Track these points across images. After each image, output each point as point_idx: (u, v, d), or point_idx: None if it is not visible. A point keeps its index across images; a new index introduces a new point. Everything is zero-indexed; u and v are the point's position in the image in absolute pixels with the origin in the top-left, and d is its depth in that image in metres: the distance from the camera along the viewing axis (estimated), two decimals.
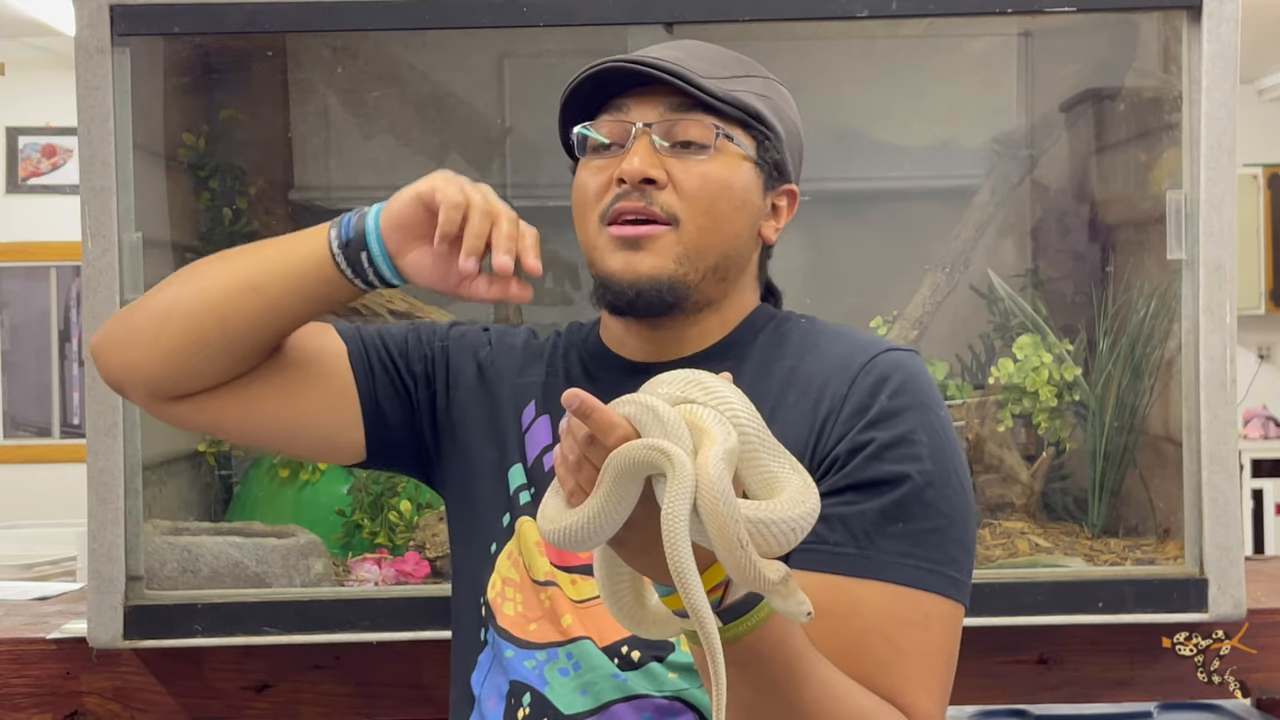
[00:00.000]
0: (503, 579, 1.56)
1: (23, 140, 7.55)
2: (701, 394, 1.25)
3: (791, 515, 1.19)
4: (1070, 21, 2.21)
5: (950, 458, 1.44)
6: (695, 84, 1.46)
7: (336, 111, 2.51)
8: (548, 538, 1.24)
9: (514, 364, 1.64)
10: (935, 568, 1.41)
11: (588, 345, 1.62)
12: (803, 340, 1.53)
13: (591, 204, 1.50)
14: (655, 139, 1.47)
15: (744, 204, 1.50)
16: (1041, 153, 2.47)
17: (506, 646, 1.54)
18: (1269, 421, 7.82)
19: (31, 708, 2.10)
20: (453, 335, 1.67)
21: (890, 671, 1.38)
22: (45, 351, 7.63)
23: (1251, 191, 7.79)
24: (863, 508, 1.40)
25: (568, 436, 1.22)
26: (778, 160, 1.52)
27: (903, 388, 1.44)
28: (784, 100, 1.56)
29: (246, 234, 2.40)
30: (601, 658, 1.49)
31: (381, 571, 2.15)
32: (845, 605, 1.39)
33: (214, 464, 2.43)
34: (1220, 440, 2.01)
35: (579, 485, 1.23)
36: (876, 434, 1.42)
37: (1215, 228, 2.01)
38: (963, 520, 1.44)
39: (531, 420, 1.60)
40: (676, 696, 1.47)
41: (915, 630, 1.40)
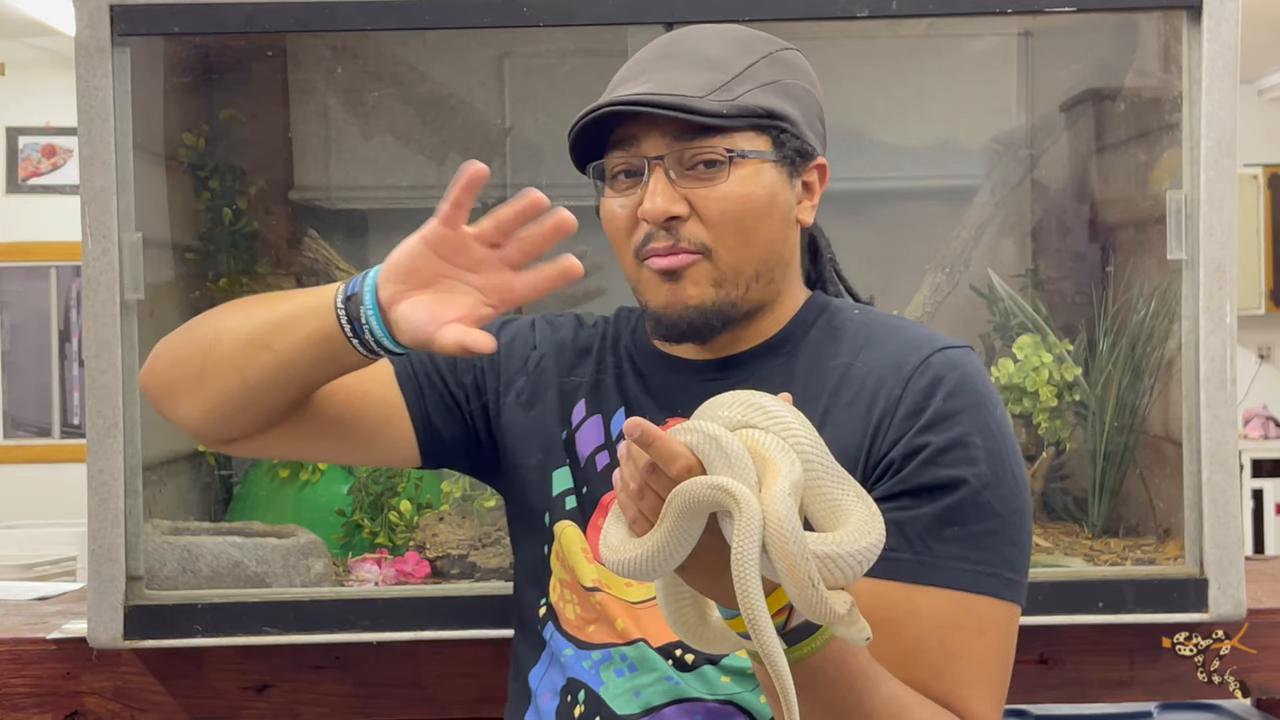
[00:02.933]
0: (560, 581, 1.57)
1: (23, 140, 7.55)
2: (762, 418, 1.23)
3: (859, 548, 1.19)
4: (1070, 21, 2.21)
5: (1006, 458, 1.43)
6: (696, 110, 1.44)
7: (336, 111, 2.51)
8: (612, 568, 1.24)
9: (562, 362, 1.63)
10: (990, 570, 1.40)
11: (636, 339, 1.61)
12: (857, 335, 1.52)
13: (624, 239, 1.50)
14: (668, 171, 1.46)
15: (771, 208, 1.49)
16: (1041, 153, 2.47)
17: (565, 645, 1.55)
18: (1269, 421, 7.82)
19: (31, 708, 2.10)
20: (501, 341, 1.66)
21: (946, 677, 1.38)
22: (45, 351, 7.63)
23: (1251, 191, 7.79)
24: (918, 513, 1.40)
25: (628, 463, 1.22)
26: (798, 146, 1.50)
27: (958, 389, 1.43)
28: (794, 71, 1.53)
29: (246, 234, 2.40)
30: (658, 659, 1.49)
31: (381, 571, 2.15)
32: (901, 611, 1.39)
33: (214, 464, 2.43)
34: (1220, 440, 2.01)
35: (641, 513, 1.22)
36: (932, 438, 1.41)
37: (1215, 228, 2.01)
38: (1018, 520, 1.43)
39: (581, 420, 1.59)
40: (729, 700, 1.47)
41: (970, 634, 1.40)
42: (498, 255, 1.40)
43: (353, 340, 1.45)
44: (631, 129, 1.48)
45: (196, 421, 1.56)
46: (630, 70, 1.53)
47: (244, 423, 1.56)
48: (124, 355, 2.03)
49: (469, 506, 2.21)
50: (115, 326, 2.02)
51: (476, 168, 1.36)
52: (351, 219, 2.56)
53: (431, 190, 2.53)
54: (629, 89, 1.48)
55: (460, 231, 1.39)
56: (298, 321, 1.48)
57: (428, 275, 1.41)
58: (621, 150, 1.49)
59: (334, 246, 2.44)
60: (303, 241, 2.42)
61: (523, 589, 1.64)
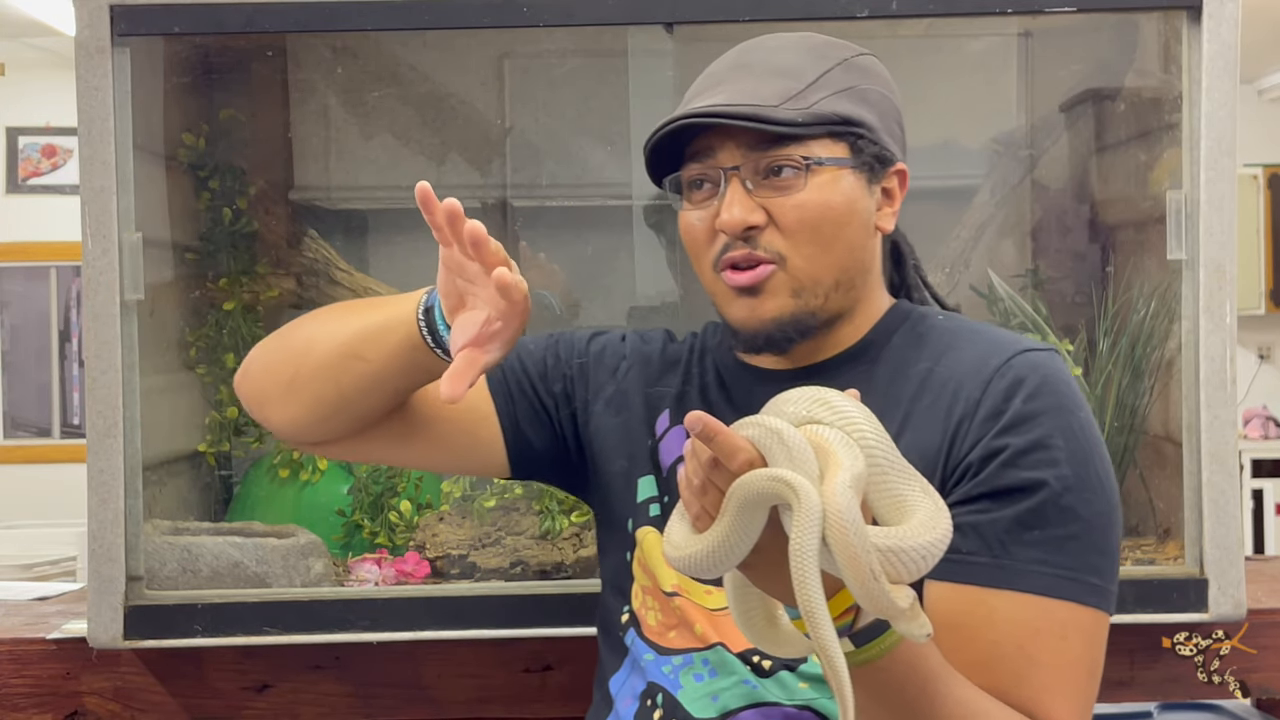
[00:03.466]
0: (642, 588, 1.57)
1: (23, 140, 7.55)
2: (828, 414, 1.23)
3: (923, 542, 1.17)
4: (1070, 21, 2.21)
5: (1090, 461, 1.42)
6: (771, 120, 1.43)
7: (336, 111, 2.51)
8: (673, 564, 1.23)
9: (650, 373, 1.64)
10: (1073, 575, 1.39)
11: (721, 352, 1.61)
12: (940, 341, 1.51)
13: (703, 250, 1.50)
14: (745, 181, 1.46)
15: (849, 216, 1.48)
16: (1041, 153, 2.47)
17: (646, 650, 1.55)
18: (1269, 421, 7.82)
19: (31, 708, 2.10)
20: (592, 350, 1.66)
21: (1025, 683, 1.36)
22: (45, 351, 7.63)
23: (1251, 191, 7.79)
24: (996, 515, 1.38)
25: (692, 459, 1.22)
26: (876, 152, 1.49)
27: (1039, 391, 1.42)
28: (870, 77, 1.52)
29: (246, 234, 2.40)
30: (737, 663, 1.49)
31: (381, 571, 2.15)
32: (979, 616, 1.37)
33: (214, 464, 2.43)
34: (1220, 440, 2.01)
35: (704, 509, 1.22)
36: (1011, 440, 1.40)
37: (1215, 228, 2.01)
38: (1104, 525, 1.41)
39: (666, 429, 1.59)
40: (806, 706, 1.47)
41: (1051, 640, 1.38)
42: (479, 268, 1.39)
43: (436, 350, 1.47)
44: (707, 140, 1.47)
45: (288, 426, 1.59)
46: (704, 82, 1.53)
47: (336, 428, 1.57)
48: (124, 355, 2.03)
49: (469, 506, 2.21)
50: (115, 326, 2.02)
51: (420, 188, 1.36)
52: (351, 219, 2.56)
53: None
54: (703, 101, 1.48)
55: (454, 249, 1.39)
56: (386, 331, 1.49)
57: (456, 294, 1.42)
58: (697, 162, 1.49)
59: (334, 246, 2.43)
60: (303, 241, 2.42)
61: (607, 596, 1.64)
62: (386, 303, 1.54)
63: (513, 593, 2.08)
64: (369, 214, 2.58)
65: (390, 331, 1.49)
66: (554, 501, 2.17)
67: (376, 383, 1.52)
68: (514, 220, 2.48)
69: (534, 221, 2.50)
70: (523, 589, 2.10)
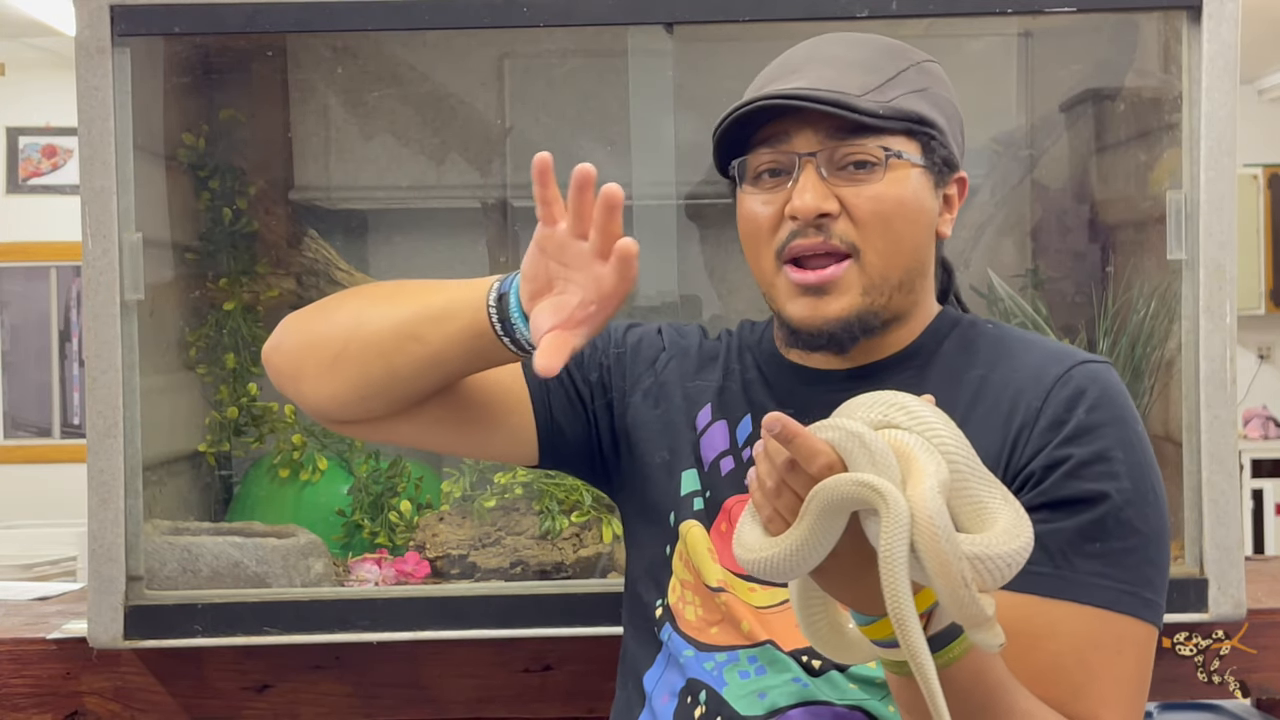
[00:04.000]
0: (680, 582, 1.55)
1: (23, 140, 7.55)
2: (905, 418, 1.21)
3: (1009, 550, 1.16)
4: (1070, 21, 2.21)
5: (1147, 475, 1.41)
6: (855, 108, 1.42)
7: (336, 111, 2.51)
8: (748, 568, 1.22)
9: (689, 366, 1.62)
10: (1131, 589, 1.38)
11: (762, 349, 1.59)
12: (992, 348, 1.50)
13: (765, 238, 1.47)
14: (820, 168, 1.44)
15: (920, 215, 1.47)
16: (1041, 153, 2.47)
17: (685, 647, 1.53)
18: (1269, 421, 7.82)
19: (31, 708, 2.10)
20: (629, 341, 1.65)
21: (1083, 696, 1.36)
22: (45, 351, 7.63)
23: (1251, 191, 7.79)
24: (1059, 526, 1.37)
25: (765, 461, 1.20)
26: (945, 156, 1.48)
27: (1100, 402, 1.41)
28: (938, 83, 1.51)
29: (246, 234, 2.40)
30: (788, 661, 1.47)
31: (381, 571, 2.15)
32: (1041, 626, 1.36)
33: (214, 464, 2.43)
34: (1220, 440, 2.01)
35: (777, 512, 1.20)
36: (1074, 450, 1.39)
37: (1215, 228, 2.01)
38: (1158, 539, 1.41)
39: (707, 424, 1.58)
40: (857, 706, 1.45)
41: (1108, 654, 1.37)
42: (589, 249, 1.35)
43: (504, 339, 1.44)
44: (782, 126, 1.45)
45: (326, 403, 1.55)
46: (777, 70, 1.51)
47: (376, 408, 1.54)
48: (124, 355, 2.03)
49: (469, 506, 2.21)
50: (115, 326, 2.02)
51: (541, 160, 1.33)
52: (351, 219, 2.56)
53: (432, 190, 2.53)
54: (780, 86, 1.45)
55: (558, 228, 1.36)
56: (450, 316, 1.47)
57: (545, 278, 1.38)
58: (769, 147, 1.46)
59: (334, 246, 2.44)
60: (303, 241, 2.42)
61: (638, 590, 1.62)
62: (447, 286, 1.51)
63: (513, 593, 2.08)
64: (369, 214, 2.58)
65: (454, 316, 1.46)
66: (554, 501, 2.17)
67: (431, 366, 1.49)
68: (514, 220, 2.48)
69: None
70: (523, 589, 2.10)
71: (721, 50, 1.67)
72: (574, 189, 1.33)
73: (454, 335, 1.47)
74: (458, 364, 1.50)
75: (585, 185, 1.32)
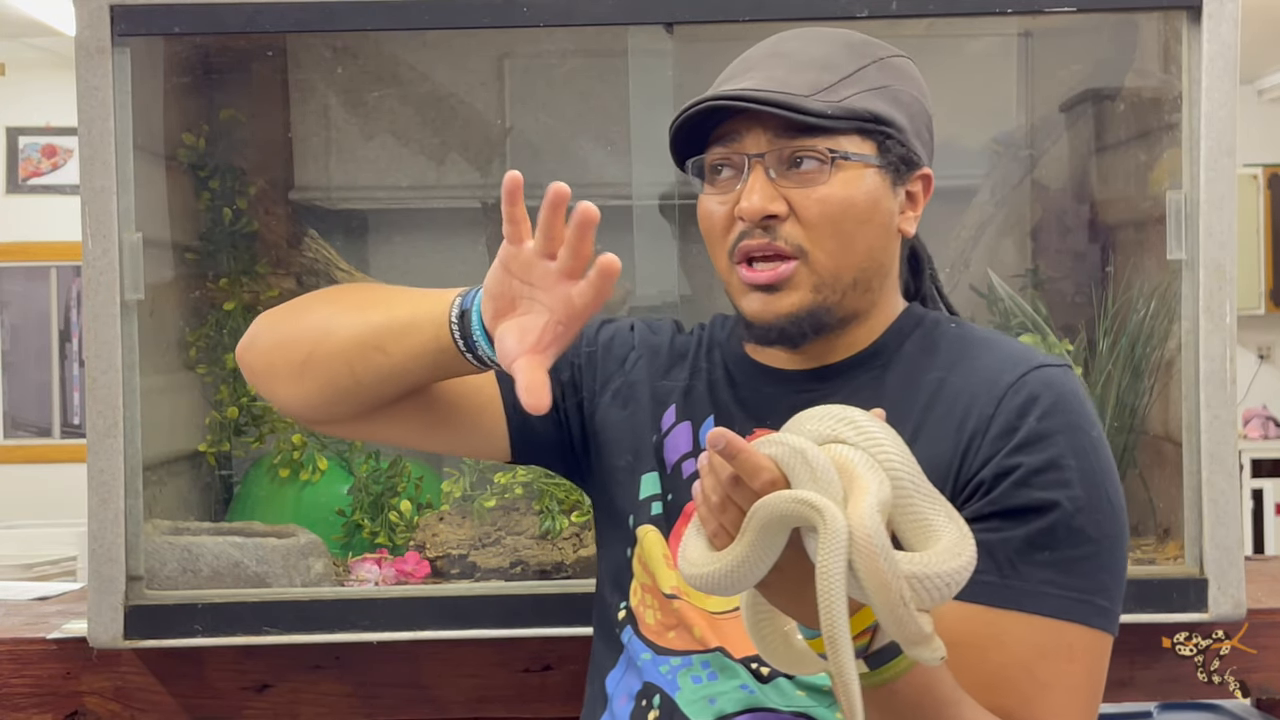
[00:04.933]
0: (641, 585, 1.55)
1: (23, 140, 7.55)
2: (852, 433, 1.21)
3: (949, 569, 1.16)
4: (1070, 21, 2.21)
5: (1102, 481, 1.40)
6: (801, 109, 1.41)
7: (336, 111, 2.51)
8: (690, 582, 1.22)
9: (658, 365, 1.62)
10: (1082, 597, 1.38)
11: (729, 346, 1.59)
12: (952, 350, 1.49)
13: (720, 237, 1.47)
14: (769, 169, 1.44)
15: (871, 215, 1.46)
16: (1041, 153, 2.47)
17: (643, 650, 1.53)
18: (1269, 421, 7.82)
19: (31, 708, 2.10)
20: (601, 339, 1.65)
21: (1033, 706, 1.35)
22: (45, 351, 7.63)
23: (1251, 191, 7.79)
24: (1007, 535, 1.37)
25: (710, 475, 1.20)
26: (903, 154, 1.48)
27: (1053, 409, 1.40)
28: (904, 79, 1.51)
29: (246, 234, 2.40)
30: (737, 668, 1.47)
31: (381, 571, 2.15)
32: (987, 636, 1.36)
33: (214, 464, 2.43)
34: (1220, 440, 2.01)
35: (722, 527, 1.20)
36: (1024, 459, 1.38)
37: (1215, 228, 2.01)
38: (1113, 546, 1.40)
39: (671, 425, 1.57)
40: (803, 713, 1.45)
41: (1059, 662, 1.36)
42: (557, 268, 1.34)
43: (466, 355, 1.45)
44: (734, 125, 1.45)
45: (297, 405, 1.57)
46: (736, 67, 1.51)
47: (345, 411, 1.56)
48: (124, 355, 2.03)
49: (469, 506, 2.21)
50: (115, 326, 2.02)
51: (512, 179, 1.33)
52: (351, 219, 2.56)
53: (432, 190, 2.53)
54: (734, 85, 1.46)
55: (525, 247, 1.35)
56: (413, 329, 1.47)
57: (509, 298, 1.38)
58: (722, 146, 1.46)
59: (334, 246, 2.43)
60: (303, 241, 2.42)
61: (604, 591, 1.62)
62: (413, 297, 1.51)
63: (513, 593, 2.08)
64: (369, 214, 2.58)
65: (417, 330, 1.46)
66: (554, 501, 2.17)
67: (395, 376, 1.50)
68: None
69: (534, 221, 2.50)
70: (523, 589, 2.10)
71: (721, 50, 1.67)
72: (546, 208, 1.33)
73: (417, 349, 1.47)
74: (421, 375, 1.51)
75: (558, 205, 1.32)
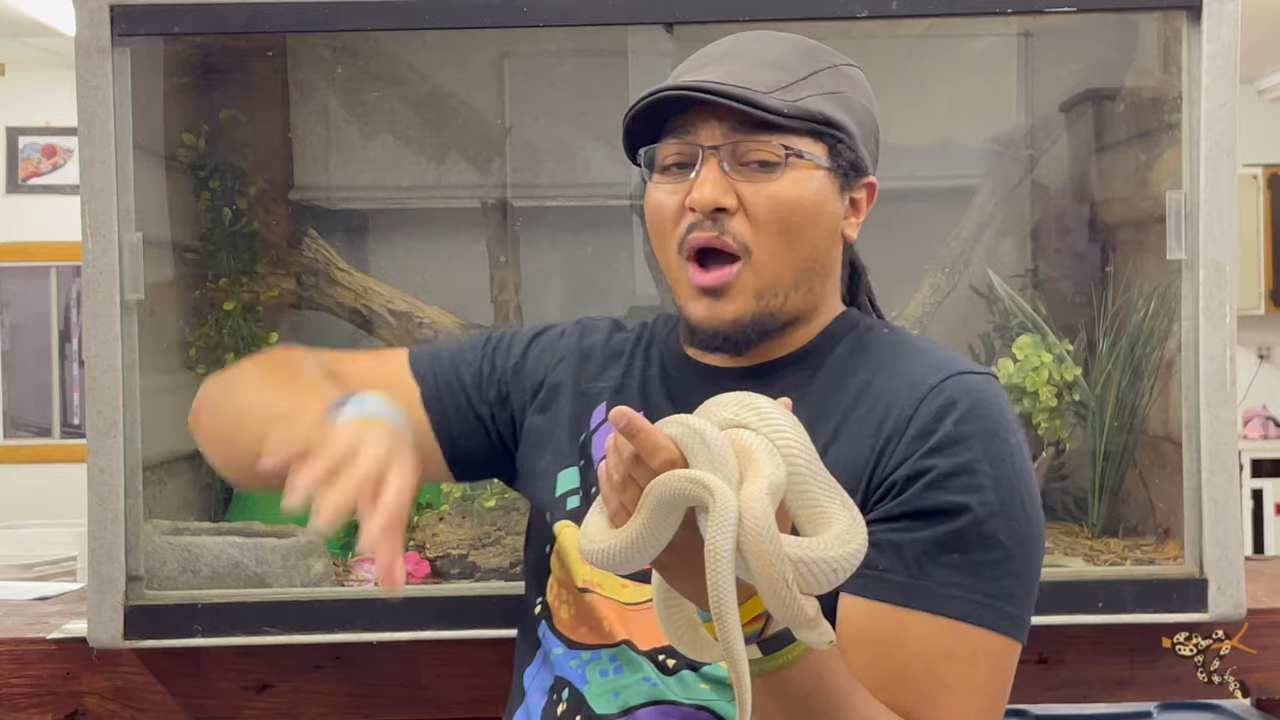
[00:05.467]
0: (557, 581, 1.57)
1: (23, 140, 7.55)
2: (755, 419, 1.22)
3: (836, 555, 1.17)
4: (1070, 21, 2.21)
5: (1016, 488, 1.40)
6: (759, 104, 1.42)
7: (336, 111, 2.51)
8: (587, 557, 1.23)
9: (591, 367, 1.63)
10: (989, 602, 1.38)
11: (668, 343, 1.60)
12: (881, 354, 1.50)
13: (669, 229, 1.48)
14: (723, 163, 1.44)
15: (818, 217, 1.47)
16: (1041, 153, 2.47)
17: (556, 644, 1.55)
18: (1269, 421, 7.82)
19: (31, 708, 2.10)
20: (530, 355, 1.66)
21: (931, 704, 1.36)
22: (45, 351, 7.63)
23: (1251, 191, 7.79)
24: (917, 535, 1.37)
25: (614, 454, 1.21)
26: (852, 159, 1.49)
27: (970, 415, 1.41)
28: (855, 87, 1.52)
29: (246, 234, 2.40)
30: (642, 661, 1.48)
31: None
32: (889, 634, 1.36)
33: None
34: (1220, 440, 2.01)
35: (622, 505, 1.21)
36: (938, 461, 1.39)
37: (1215, 228, 2.01)
38: (1024, 554, 1.40)
39: (600, 422, 1.58)
40: (704, 706, 1.46)
41: (961, 664, 1.37)
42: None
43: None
44: (689, 117, 1.46)
45: (233, 476, 1.64)
46: (694, 62, 1.52)
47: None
48: (124, 355, 2.03)
49: (469, 506, 2.21)
50: (115, 326, 2.02)
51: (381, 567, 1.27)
52: (351, 219, 2.57)
53: (432, 190, 2.53)
54: (691, 78, 1.46)
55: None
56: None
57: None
58: (676, 138, 1.47)
59: (334, 246, 2.44)
60: (303, 241, 2.42)
61: (527, 588, 1.65)
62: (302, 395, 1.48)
63: (513, 593, 2.08)
64: (369, 214, 2.58)
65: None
66: None
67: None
68: (514, 220, 2.48)
69: (534, 221, 2.51)
70: (522, 589, 2.09)
71: None
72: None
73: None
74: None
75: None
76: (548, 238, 2.50)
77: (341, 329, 2.46)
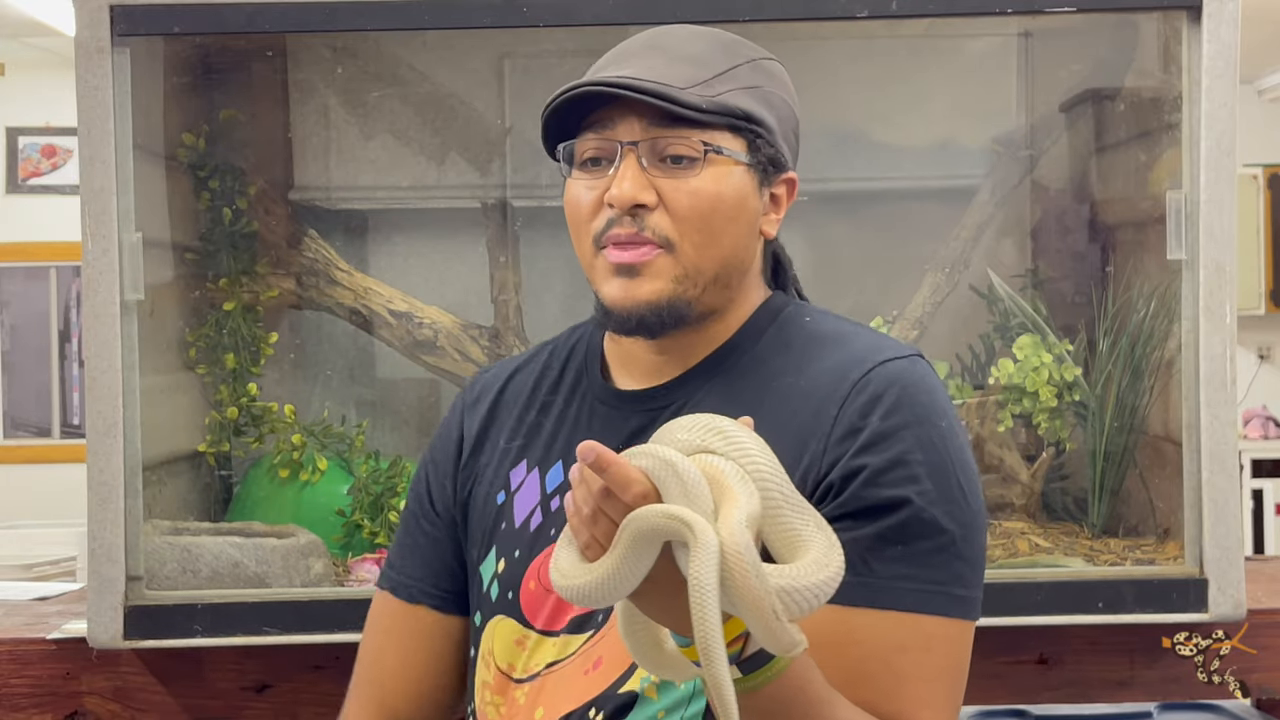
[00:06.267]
0: (482, 684, 1.51)
1: (23, 140, 7.55)
2: (721, 443, 1.21)
3: (818, 580, 1.17)
4: (1070, 21, 2.21)
5: (953, 471, 1.39)
6: (677, 100, 1.41)
7: (336, 111, 2.51)
8: (562, 593, 1.21)
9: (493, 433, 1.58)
10: (937, 588, 1.37)
11: (573, 362, 1.57)
12: (805, 348, 1.48)
13: (585, 223, 1.46)
14: (641, 158, 1.43)
15: (738, 212, 1.45)
16: (1041, 153, 2.47)
17: None
18: (1269, 421, 7.82)
19: (31, 708, 2.10)
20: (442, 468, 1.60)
21: (893, 698, 1.36)
22: (45, 351, 7.63)
23: (1251, 191, 7.79)
24: (858, 534, 1.36)
25: (581, 487, 1.19)
26: (772, 155, 1.47)
27: (897, 405, 1.39)
28: (774, 82, 1.51)
29: (246, 234, 2.40)
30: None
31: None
32: (842, 634, 1.35)
33: (214, 464, 2.43)
34: (1220, 440, 2.01)
35: (594, 538, 1.20)
36: (870, 459, 1.37)
37: (1215, 228, 2.01)
38: (967, 533, 1.39)
39: (520, 481, 1.54)
40: None
41: (916, 654, 1.37)
42: None
43: None
44: (608, 113, 1.45)
45: None
46: (612, 56, 1.51)
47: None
48: (124, 355, 2.03)
49: None
50: (115, 326, 2.02)
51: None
52: (351, 219, 2.57)
53: (432, 190, 2.53)
54: (611, 73, 1.46)
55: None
56: None
57: None
58: (594, 133, 1.46)
59: (334, 246, 2.44)
60: (303, 241, 2.42)
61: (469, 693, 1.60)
62: None
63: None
64: (369, 214, 2.58)
65: None
66: None
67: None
68: (514, 220, 2.48)
69: (534, 221, 2.51)
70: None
71: None
72: None
73: None
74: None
75: None
76: (548, 238, 2.50)
77: (342, 329, 2.46)
